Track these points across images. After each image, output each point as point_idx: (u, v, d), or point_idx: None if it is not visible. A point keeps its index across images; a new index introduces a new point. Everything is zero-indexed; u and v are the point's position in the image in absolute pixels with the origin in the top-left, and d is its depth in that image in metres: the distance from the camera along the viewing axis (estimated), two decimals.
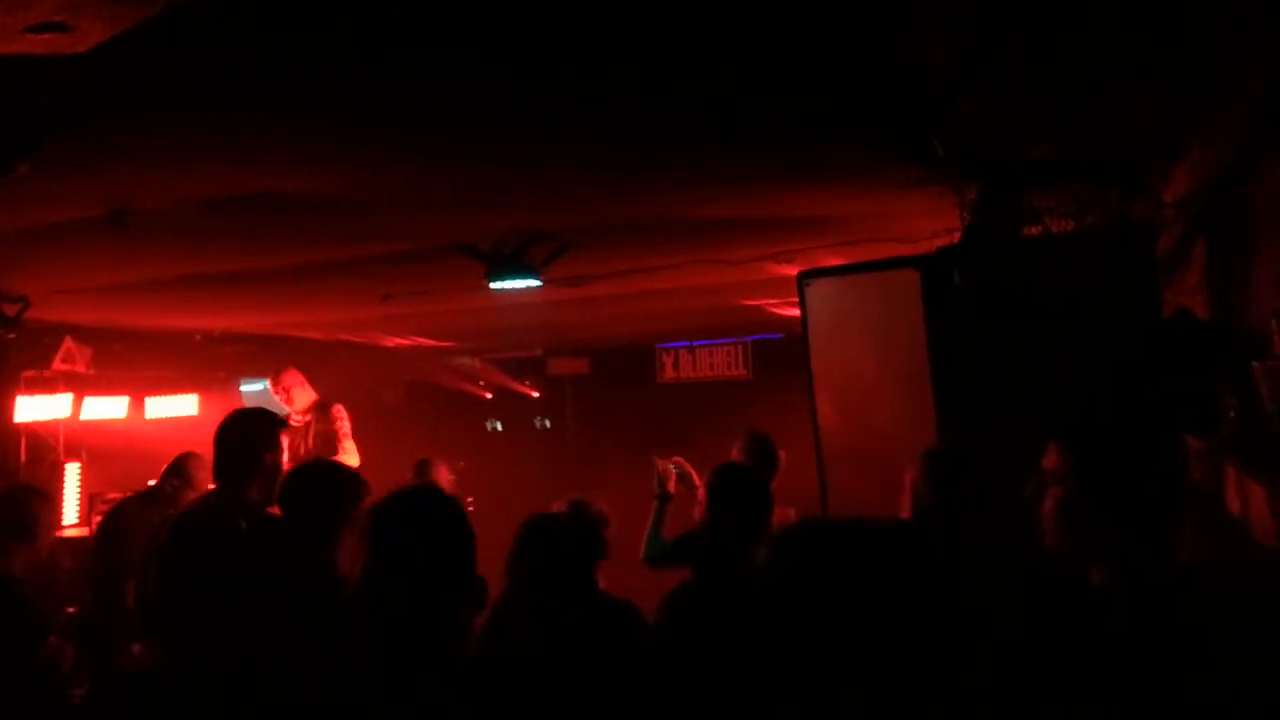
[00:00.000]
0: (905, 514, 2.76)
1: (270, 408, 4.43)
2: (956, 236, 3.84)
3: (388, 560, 1.94)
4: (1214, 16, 2.38)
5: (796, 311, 4.22)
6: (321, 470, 3.28)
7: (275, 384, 6.53)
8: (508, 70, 2.74)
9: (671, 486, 4.55)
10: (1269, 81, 2.56)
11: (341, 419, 6.31)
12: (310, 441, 6.33)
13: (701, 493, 3.31)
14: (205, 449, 8.19)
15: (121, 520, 5.15)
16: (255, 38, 2.36)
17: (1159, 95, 2.98)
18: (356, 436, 6.36)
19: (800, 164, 3.96)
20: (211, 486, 3.48)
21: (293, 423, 6.48)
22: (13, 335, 6.23)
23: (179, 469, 5.17)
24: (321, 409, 6.41)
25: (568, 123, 3.26)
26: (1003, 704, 1.81)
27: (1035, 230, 3.62)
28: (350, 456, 6.04)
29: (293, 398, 6.48)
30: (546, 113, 3.14)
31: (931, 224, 4.56)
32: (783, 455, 4.58)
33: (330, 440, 6.26)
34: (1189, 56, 2.64)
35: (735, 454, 4.45)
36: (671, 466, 4.57)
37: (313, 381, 6.70)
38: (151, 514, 4.96)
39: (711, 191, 4.39)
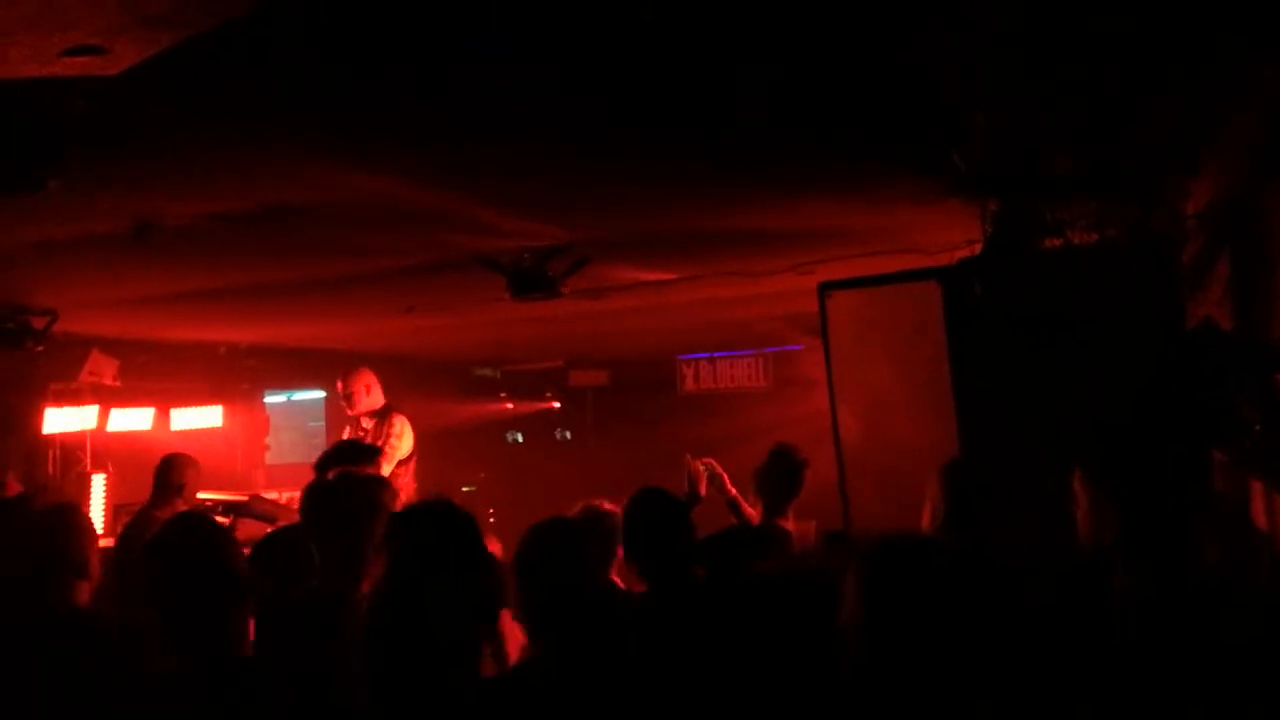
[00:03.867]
0: (925, 527, 2.75)
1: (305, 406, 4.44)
2: (978, 248, 3.84)
3: (405, 570, 1.92)
4: (1230, 30, 2.37)
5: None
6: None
7: (345, 384, 6.44)
8: (527, 85, 2.76)
9: (702, 489, 4.50)
10: None
11: (394, 429, 6.24)
12: None
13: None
14: (230, 460, 8.19)
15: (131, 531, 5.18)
16: (281, 56, 2.40)
17: (1177, 108, 2.98)
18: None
19: (820, 176, 3.97)
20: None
21: (362, 427, 6.43)
22: (41, 348, 6.30)
23: (170, 470, 5.20)
24: (382, 415, 6.35)
25: (586, 135, 3.29)
26: (1028, 711, 1.81)
27: (1056, 242, 3.61)
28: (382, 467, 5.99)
29: (357, 401, 6.39)
30: (565, 126, 3.17)
31: (952, 236, 4.56)
32: (805, 467, 4.48)
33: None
34: (1206, 69, 2.64)
35: (761, 463, 4.43)
36: (702, 467, 4.51)
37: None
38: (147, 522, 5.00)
39: (731, 204, 4.40)
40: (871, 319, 4.07)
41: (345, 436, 6.42)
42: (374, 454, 4.73)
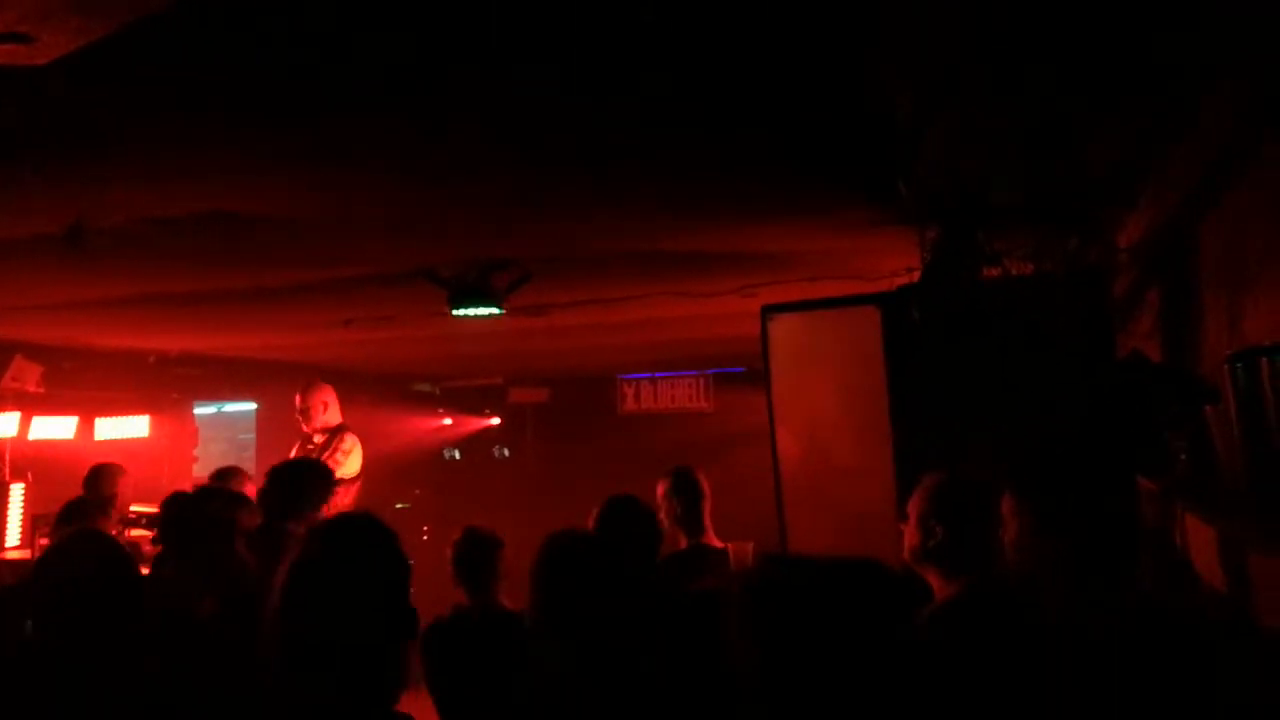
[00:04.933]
0: (909, 547, 2.66)
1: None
2: (917, 275, 3.88)
3: (317, 590, 1.82)
4: (1168, 72, 2.44)
5: None
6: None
7: (303, 398, 6.29)
8: (470, 99, 2.74)
9: None
10: (1220, 133, 2.62)
11: (343, 445, 6.11)
12: None
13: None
14: (156, 471, 7.98)
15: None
16: (218, 56, 2.34)
17: (1114, 145, 3.05)
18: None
19: (763, 201, 3.99)
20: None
21: (313, 442, 6.29)
22: None
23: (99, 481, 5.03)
24: (335, 432, 6.22)
25: (530, 152, 3.27)
26: None
27: (994, 272, 3.67)
28: None
29: (314, 416, 6.25)
30: (508, 142, 3.15)
31: (893, 262, 4.62)
32: (705, 481, 4.49)
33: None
34: (1143, 110, 2.71)
35: (660, 490, 4.43)
36: None
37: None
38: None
39: (674, 225, 4.41)
40: (812, 343, 4.10)
41: (294, 453, 6.31)
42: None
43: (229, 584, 2.83)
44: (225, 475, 4.92)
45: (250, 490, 5.06)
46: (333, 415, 6.28)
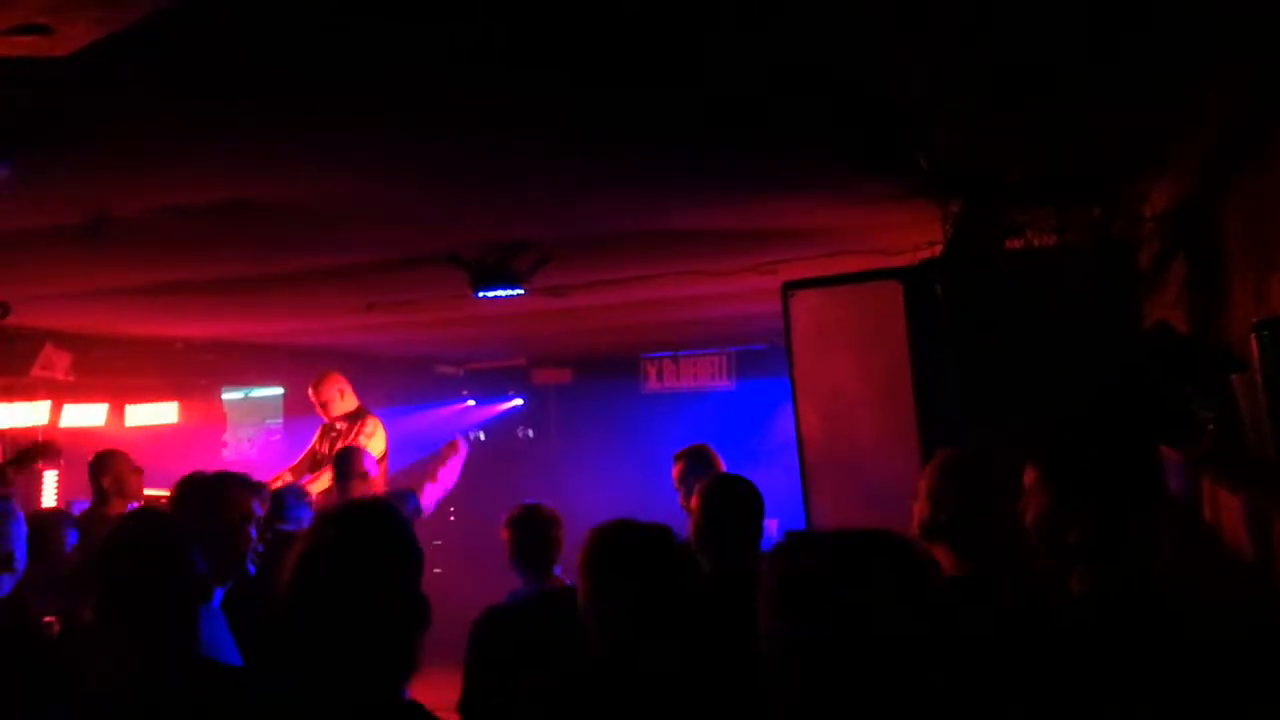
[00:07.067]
0: (915, 524, 2.66)
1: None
2: (939, 249, 3.86)
3: (329, 577, 1.83)
4: (1185, 39, 2.41)
5: None
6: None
7: (317, 391, 6.39)
8: (491, 83, 2.74)
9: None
10: (1240, 100, 2.59)
11: (365, 428, 6.18)
12: (330, 447, 6.20)
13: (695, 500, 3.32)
14: (186, 457, 8.09)
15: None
16: (238, 46, 2.36)
17: (1137, 115, 3.01)
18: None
19: (784, 178, 3.98)
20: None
21: (335, 429, 6.38)
22: None
23: (103, 469, 5.06)
24: (355, 416, 6.29)
25: (551, 133, 3.27)
26: (986, 713, 1.81)
27: (1017, 244, 3.64)
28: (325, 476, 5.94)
29: (331, 407, 6.33)
30: (530, 123, 3.15)
31: (914, 237, 4.59)
32: (719, 460, 4.57)
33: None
34: (1164, 78, 2.68)
35: (676, 471, 4.44)
36: None
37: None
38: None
39: (693, 204, 4.40)
40: (834, 318, 4.08)
41: (317, 440, 6.40)
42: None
43: (240, 566, 2.89)
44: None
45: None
46: (349, 400, 6.38)
